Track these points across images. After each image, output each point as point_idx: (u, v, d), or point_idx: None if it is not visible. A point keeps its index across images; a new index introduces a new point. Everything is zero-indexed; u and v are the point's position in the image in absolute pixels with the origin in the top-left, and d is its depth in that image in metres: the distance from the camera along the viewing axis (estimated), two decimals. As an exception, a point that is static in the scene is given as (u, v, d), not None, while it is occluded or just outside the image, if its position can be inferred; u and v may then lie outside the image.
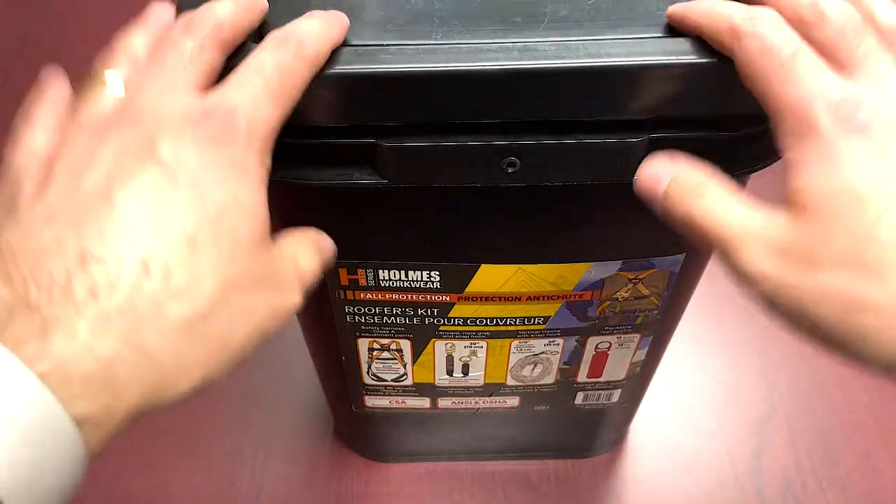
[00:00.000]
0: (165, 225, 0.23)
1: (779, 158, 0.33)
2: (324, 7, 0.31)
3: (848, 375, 0.67)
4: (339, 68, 0.28)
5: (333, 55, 0.28)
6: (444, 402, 0.52)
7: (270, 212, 0.27)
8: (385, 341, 0.45)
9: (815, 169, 0.24)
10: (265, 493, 0.60)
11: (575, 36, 0.29)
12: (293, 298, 0.27)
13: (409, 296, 0.41)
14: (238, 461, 0.62)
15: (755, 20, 0.26)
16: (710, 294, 0.72)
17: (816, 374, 0.68)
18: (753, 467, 0.62)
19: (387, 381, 0.49)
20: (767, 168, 0.33)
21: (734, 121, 0.31)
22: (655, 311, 0.44)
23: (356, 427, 0.59)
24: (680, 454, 0.64)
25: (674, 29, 0.29)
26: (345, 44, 0.29)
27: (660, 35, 0.29)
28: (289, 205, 0.36)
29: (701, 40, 0.29)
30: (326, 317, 0.43)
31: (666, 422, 0.65)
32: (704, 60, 0.28)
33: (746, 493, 0.61)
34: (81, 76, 0.27)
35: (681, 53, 0.28)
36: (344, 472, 0.62)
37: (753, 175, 0.34)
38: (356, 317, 0.43)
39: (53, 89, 0.27)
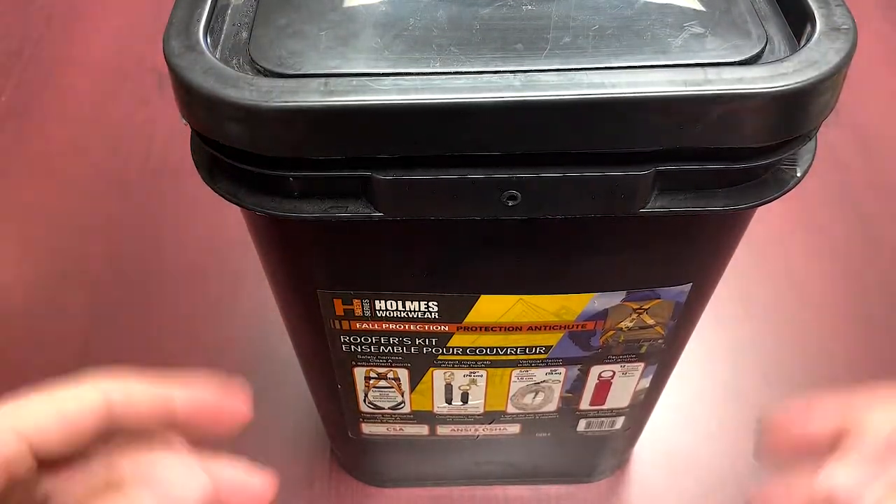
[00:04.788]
0: None
1: (788, 191, 0.32)
2: (318, 32, 0.30)
3: (848, 375, 0.66)
4: (333, 100, 0.27)
5: (328, 86, 0.27)
6: (442, 430, 0.51)
7: (266, 243, 0.26)
8: (382, 370, 0.44)
9: None
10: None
11: (578, 64, 0.28)
12: None
13: (407, 326, 0.40)
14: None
15: None
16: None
17: (816, 374, 0.67)
18: (753, 467, 0.61)
19: (384, 409, 0.48)
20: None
21: (744, 153, 0.29)
22: (660, 341, 0.43)
23: (353, 453, 0.58)
24: (680, 454, 0.63)
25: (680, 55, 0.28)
26: (340, 74, 0.28)
27: (666, 63, 0.28)
28: (282, 236, 0.35)
29: (709, 67, 0.27)
30: (321, 346, 0.42)
31: (666, 422, 0.64)
32: (712, 91, 0.27)
33: (746, 493, 0.59)
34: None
35: (688, 84, 0.27)
36: (342, 498, 0.60)
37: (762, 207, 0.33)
38: (352, 346, 0.42)
39: None
